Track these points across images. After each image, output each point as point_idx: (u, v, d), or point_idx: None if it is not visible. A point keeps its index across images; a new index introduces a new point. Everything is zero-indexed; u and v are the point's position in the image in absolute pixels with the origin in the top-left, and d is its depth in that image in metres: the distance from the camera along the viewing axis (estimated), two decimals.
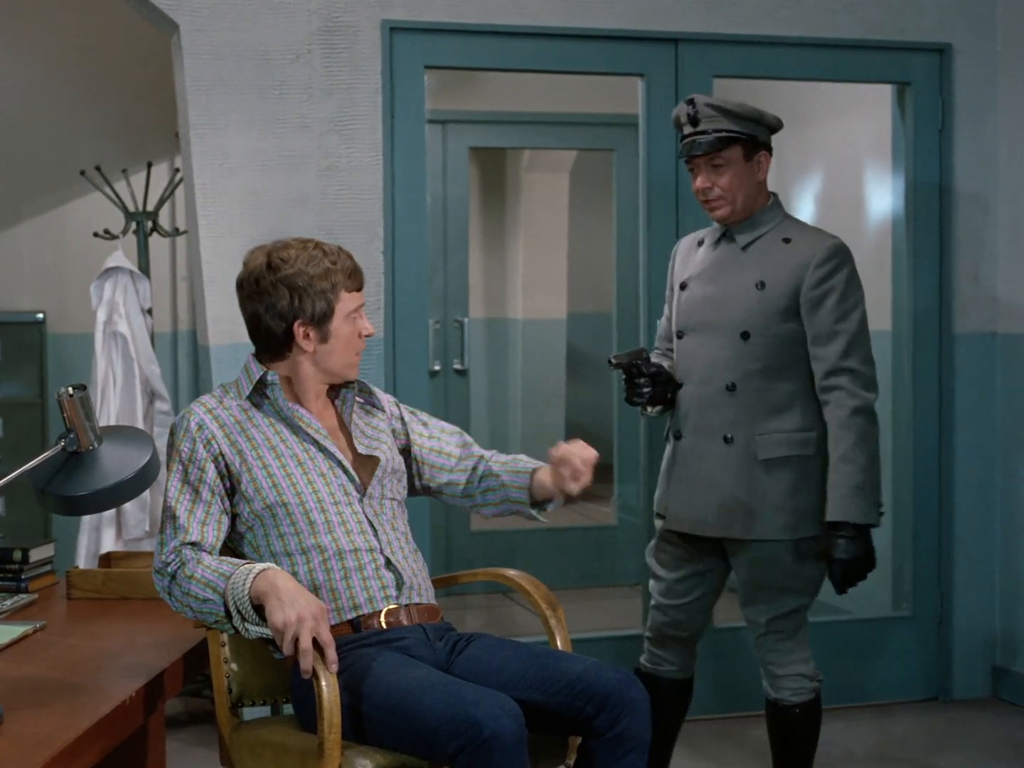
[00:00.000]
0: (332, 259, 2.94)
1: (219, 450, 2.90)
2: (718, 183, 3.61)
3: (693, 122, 3.62)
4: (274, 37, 4.48)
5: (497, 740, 2.49)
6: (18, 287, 6.19)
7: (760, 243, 3.65)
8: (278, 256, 2.94)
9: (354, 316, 2.97)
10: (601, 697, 2.69)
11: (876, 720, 4.91)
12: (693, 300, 3.73)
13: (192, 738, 4.62)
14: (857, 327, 3.57)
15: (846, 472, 3.52)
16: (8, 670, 2.69)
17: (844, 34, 4.94)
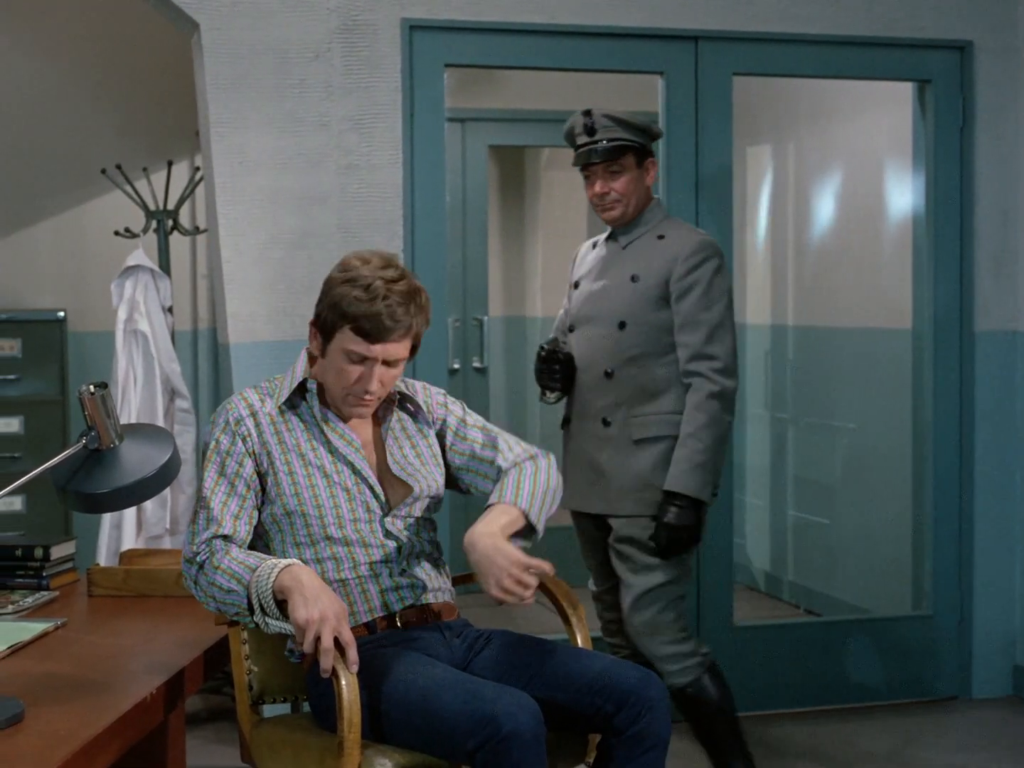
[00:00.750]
0: (378, 300, 2.80)
1: (252, 448, 2.90)
2: (614, 188, 3.91)
3: (589, 132, 3.90)
4: (294, 36, 4.48)
5: (516, 737, 2.49)
6: (39, 285, 6.21)
7: (638, 242, 3.96)
8: (351, 261, 2.90)
9: (353, 360, 2.86)
10: (620, 695, 2.68)
11: (896, 719, 4.90)
12: (581, 296, 4.04)
13: (212, 735, 4.63)
14: (719, 318, 3.84)
15: (692, 448, 3.79)
16: (29, 667, 2.70)
17: (864, 31, 4.93)
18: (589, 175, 3.94)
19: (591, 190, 3.95)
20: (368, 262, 2.87)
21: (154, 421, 4.90)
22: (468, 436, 3.06)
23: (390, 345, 2.83)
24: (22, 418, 5.90)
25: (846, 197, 6.26)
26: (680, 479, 3.80)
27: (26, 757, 2.17)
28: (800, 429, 6.50)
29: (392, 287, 2.82)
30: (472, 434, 3.07)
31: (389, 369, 2.87)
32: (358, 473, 2.91)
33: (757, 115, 6.53)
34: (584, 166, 3.94)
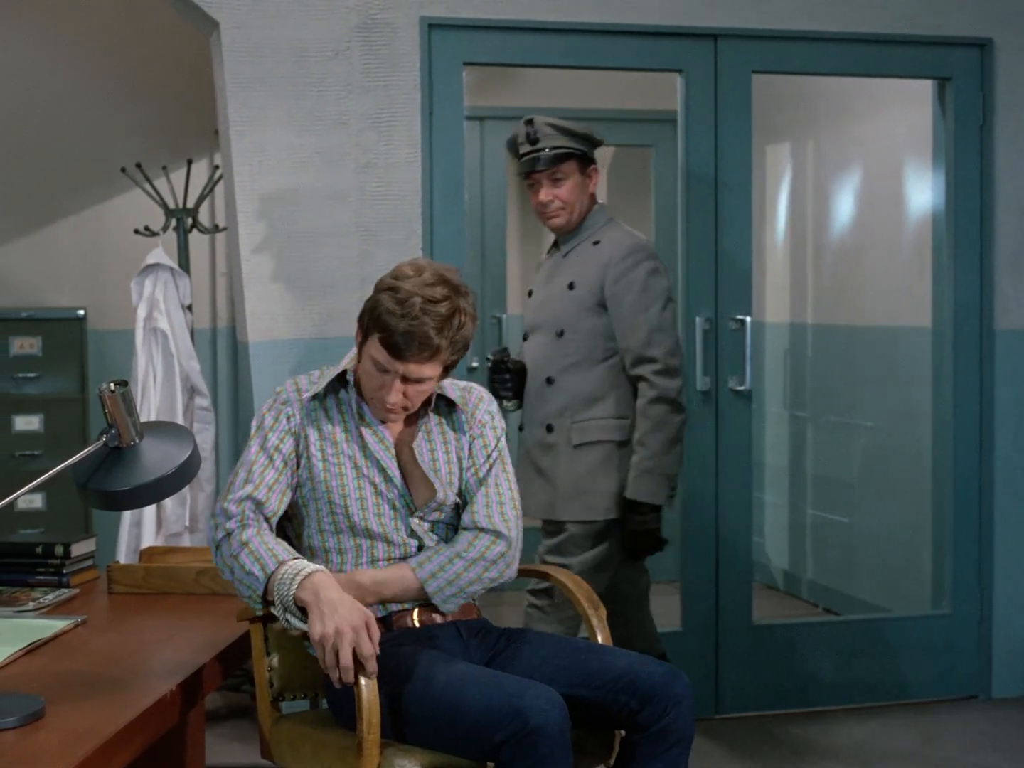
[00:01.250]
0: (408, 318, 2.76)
1: (294, 427, 2.92)
2: (558, 196, 3.97)
3: (532, 141, 3.96)
4: (313, 34, 4.49)
5: (542, 730, 2.49)
6: (59, 284, 6.23)
7: (577, 249, 4.01)
8: (404, 268, 2.85)
9: (380, 368, 2.84)
10: (645, 692, 2.68)
11: (915, 718, 4.89)
12: (532, 305, 4.12)
13: (231, 732, 4.64)
14: (657, 319, 3.89)
15: (640, 455, 3.90)
16: (50, 664, 2.71)
17: (883, 29, 4.91)
18: (533, 183, 4.00)
19: (535, 198, 4.01)
20: (420, 274, 2.82)
21: (173, 419, 4.91)
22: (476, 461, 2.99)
23: (412, 365, 2.80)
24: (42, 416, 5.93)
25: (865, 195, 6.24)
26: (632, 486, 3.92)
27: (46, 754, 2.18)
28: (819, 427, 6.49)
29: (429, 307, 2.77)
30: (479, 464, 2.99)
31: (415, 385, 2.85)
32: (385, 471, 2.91)
33: (776, 113, 6.52)
34: (528, 174, 3.99)
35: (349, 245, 4.51)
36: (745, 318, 4.82)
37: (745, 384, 4.83)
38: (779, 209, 6.84)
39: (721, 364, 4.82)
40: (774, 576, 6.73)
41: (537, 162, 3.96)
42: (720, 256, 4.83)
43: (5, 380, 5.91)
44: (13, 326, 5.91)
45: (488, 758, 2.57)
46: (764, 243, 6.71)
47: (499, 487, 2.98)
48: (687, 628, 4.87)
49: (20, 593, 3.25)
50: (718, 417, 4.83)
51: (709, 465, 4.83)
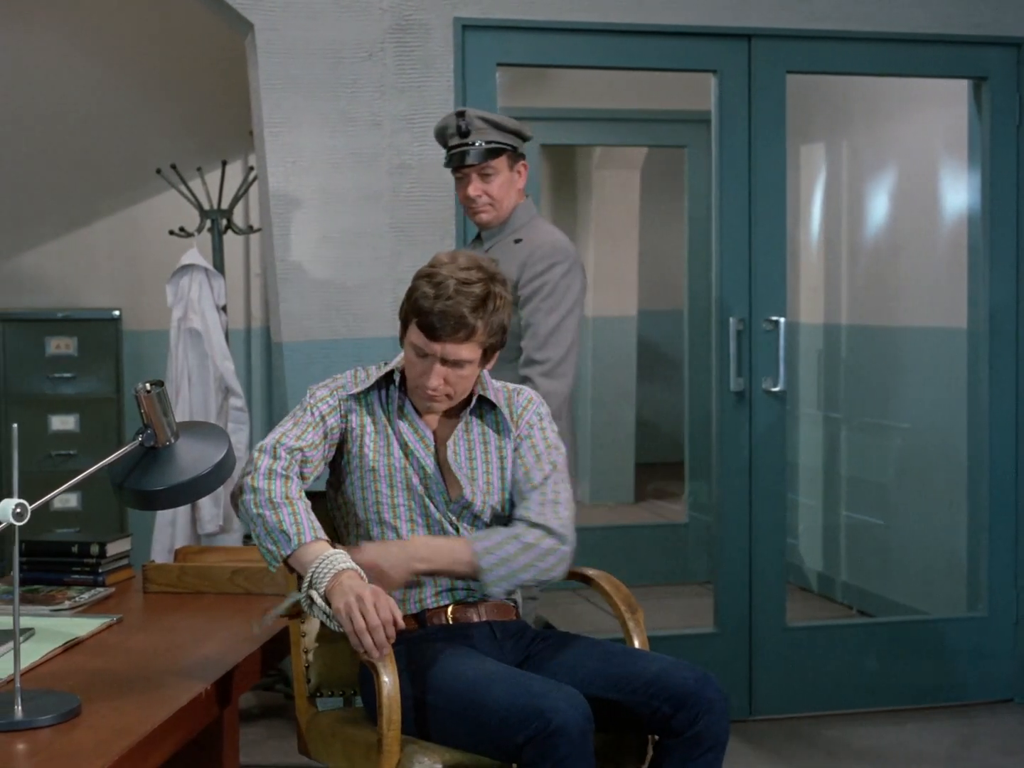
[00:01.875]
0: (442, 299, 2.79)
1: (344, 411, 2.93)
2: (487, 191, 3.87)
3: (463, 134, 3.85)
4: (347, 35, 4.50)
5: (564, 731, 2.49)
6: (94, 284, 6.27)
7: (498, 245, 3.90)
8: (440, 256, 2.89)
9: (418, 353, 2.85)
10: (679, 697, 2.67)
11: (951, 721, 4.86)
12: None
13: (265, 731, 4.65)
14: (558, 322, 3.78)
15: None
16: (85, 662, 2.73)
17: (918, 28, 4.89)
18: (461, 177, 3.90)
19: (463, 192, 3.90)
20: (454, 260, 2.86)
21: (208, 419, 4.93)
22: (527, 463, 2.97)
23: (450, 345, 2.81)
24: (78, 416, 5.96)
25: (900, 195, 6.21)
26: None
27: (83, 752, 2.19)
28: (853, 429, 6.46)
29: (464, 288, 2.80)
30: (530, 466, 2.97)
31: (454, 369, 2.84)
32: (423, 468, 2.91)
33: (811, 113, 6.50)
34: (457, 168, 3.89)
35: (383, 246, 4.52)
36: (779, 319, 4.81)
37: (779, 385, 4.81)
38: (813, 209, 6.82)
39: (755, 365, 4.81)
40: (808, 578, 6.70)
41: (468, 156, 3.85)
42: (754, 257, 4.81)
43: (41, 380, 5.94)
44: (49, 326, 5.95)
45: (511, 757, 2.57)
46: (798, 244, 6.69)
47: (556, 491, 2.95)
48: (721, 630, 4.85)
49: (56, 592, 3.27)
50: (752, 418, 4.82)
51: (743, 466, 4.81)
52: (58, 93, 6.18)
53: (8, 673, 2.53)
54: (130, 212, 6.27)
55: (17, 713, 2.30)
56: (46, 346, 5.94)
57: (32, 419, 5.84)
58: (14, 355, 5.92)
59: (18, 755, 2.20)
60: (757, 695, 4.86)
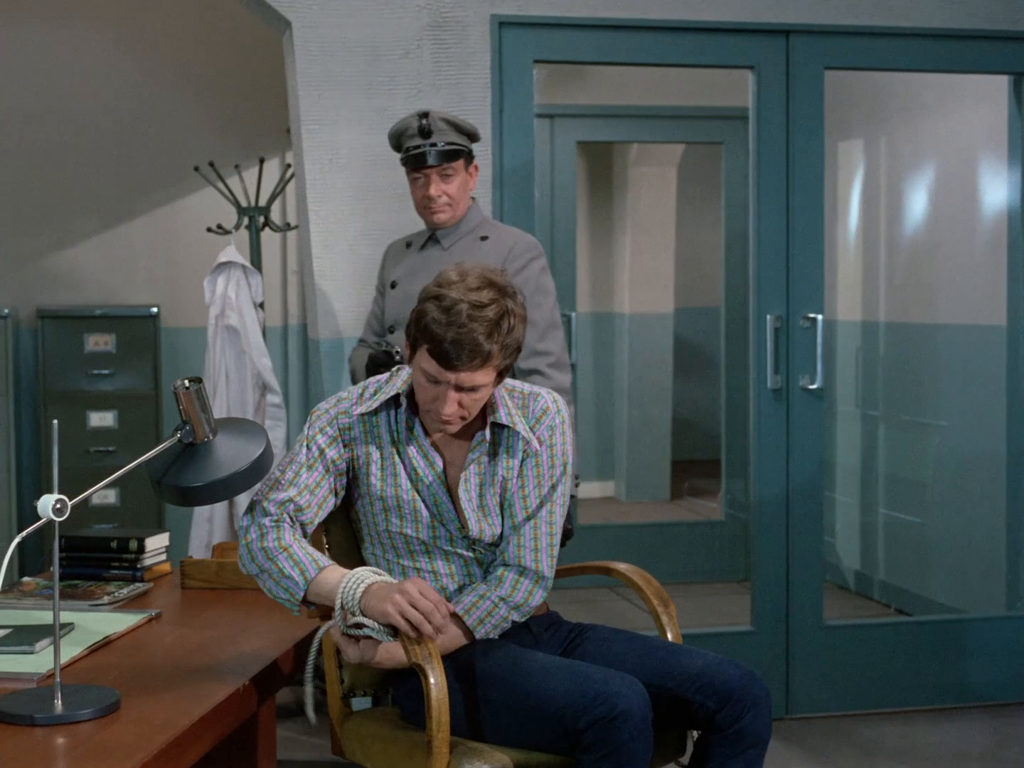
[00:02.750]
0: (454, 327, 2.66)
1: (347, 439, 2.86)
2: (447, 191, 3.94)
3: (424, 134, 3.90)
4: (384, 33, 4.51)
5: (628, 715, 2.50)
6: (133, 282, 6.30)
7: (461, 243, 3.97)
8: (448, 274, 2.74)
9: (432, 380, 2.73)
10: (723, 693, 2.67)
11: (989, 721, 4.83)
12: (404, 297, 3.97)
13: (301, 727, 4.66)
14: (550, 315, 3.90)
15: None
16: (124, 658, 2.74)
17: (958, 24, 4.86)
18: (419, 177, 3.93)
19: (421, 192, 3.94)
20: (464, 279, 2.71)
21: (245, 416, 4.94)
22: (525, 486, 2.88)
23: (464, 373, 2.69)
24: (116, 412, 5.99)
25: (939, 192, 6.18)
26: None
27: (122, 746, 2.20)
28: (891, 426, 6.43)
29: (476, 313, 2.66)
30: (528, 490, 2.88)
31: (469, 394, 2.73)
32: (434, 497, 2.85)
33: (849, 109, 6.46)
34: (417, 167, 3.93)
35: None
36: (817, 316, 4.79)
37: (816, 382, 4.80)
38: (851, 206, 6.79)
39: (792, 362, 4.79)
40: (845, 576, 6.68)
41: (430, 156, 3.90)
42: (791, 254, 4.80)
43: (80, 377, 5.98)
44: (88, 324, 5.99)
45: (571, 745, 2.57)
46: (836, 241, 6.66)
47: (551, 524, 2.89)
48: (758, 628, 4.84)
49: (95, 587, 3.29)
50: (789, 416, 4.80)
51: (780, 464, 4.80)
52: (97, 91, 6.21)
53: (48, 668, 2.55)
54: (168, 209, 6.30)
55: (57, 707, 2.32)
56: (85, 343, 5.98)
57: (71, 416, 5.88)
58: (53, 352, 5.96)
59: (58, 749, 2.21)
60: (794, 694, 4.85)
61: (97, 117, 6.22)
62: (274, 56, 5.19)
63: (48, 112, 6.18)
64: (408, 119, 3.96)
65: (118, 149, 6.24)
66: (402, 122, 3.97)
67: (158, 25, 6.23)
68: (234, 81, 6.24)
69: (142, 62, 6.22)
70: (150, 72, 6.23)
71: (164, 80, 6.24)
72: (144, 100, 6.23)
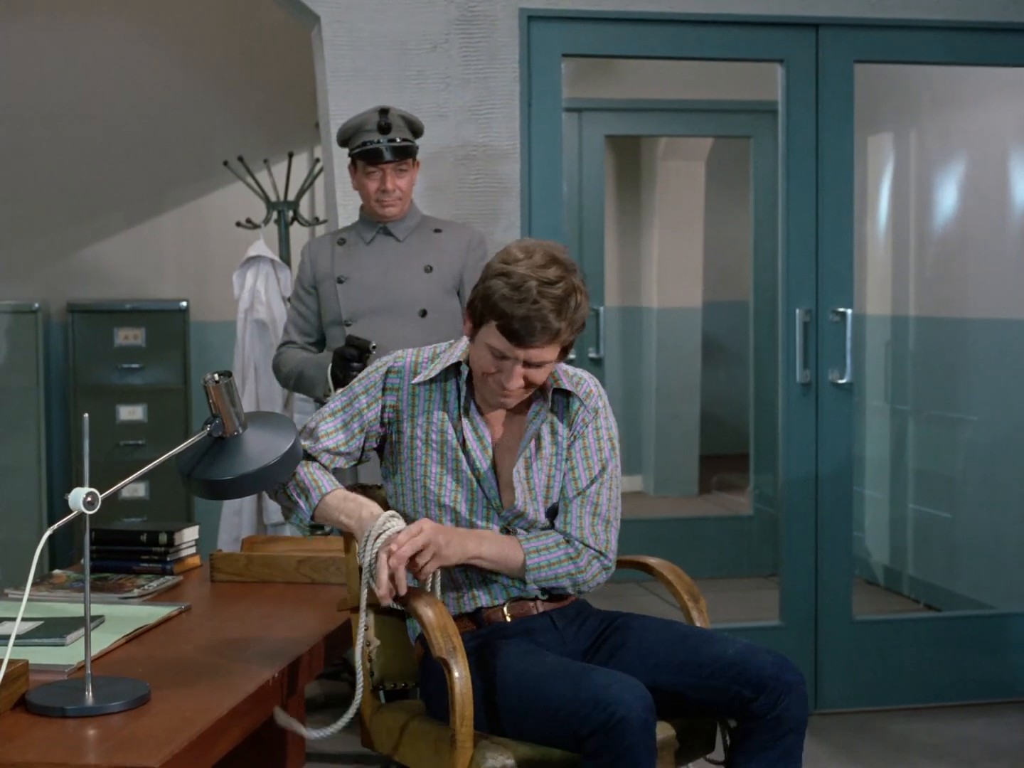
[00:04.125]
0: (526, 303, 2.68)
1: (391, 401, 2.89)
2: (400, 186, 4.04)
3: (383, 130, 4.00)
4: (412, 27, 4.51)
5: (627, 722, 2.48)
6: (162, 276, 6.33)
7: (416, 235, 4.11)
8: (513, 251, 2.75)
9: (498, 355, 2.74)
10: (758, 680, 2.66)
11: (1019, 716, 4.80)
12: (361, 290, 4.06)
13: (330, 720, 4.63)
14: None
15: None
16: (154, 650, 2.76)
17: (988, 16, 4.82)
18: (375, 171, 4.02)
19: (375, 184, 4.03)
20: (530, 256, 2.72)
21: (273, 410, 4.96)
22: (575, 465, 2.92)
23: (533, 350, 2.71)
24: (146, 406, 6.02)
25: (970, 186, 6.14)
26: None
27: (152, 738, 2.21)
28: (921, 421, 6.40)
29: (546, 290, 2.68)
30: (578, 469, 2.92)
31: (535, 369, 2.76)
32: (476, 467, 2.86)
33: (878, 103, 6.43)
34: (374, 162, 4.01)
35: None
36: (846, 310, 4.77)
37: (846, 377, 4.78)
38: (881, 200, 6.76)
39: (822, 356, 4.78)
40: (874, 571, 6.65)
41: (388, 152, 4.00)
42: (821, 248, 4.78)
43: (110, 371, 6.01)
44: (118, 318, 6.01)
45: (577, 749, 2.57)
46: (865, 235, 6.63)
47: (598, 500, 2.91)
48: (786, 622, 4.83)
49: (125, 580, 3.31)
50: (818, 410, 4.78)
51: (809, 458, 4.78)
52: (126, 87, 6.23)
53: (79, 660, 2.57)
54: (197, 204, 6.33)
55: (88, 699, 2.34)
56: (114, 337, 6.01)
57: (101, 409, 5.90)
58: (83, 346, 5.99)
59: (89, 740, 2.23)
60: (823, 689, 4.84)
61: (126, 113, 6.24)
62: (303, 51, 5.20)
63: (77, 108, 6.21)
64: (367, 114, 4.04)
65: (147, 144, 6.26)
66: (360, 117, 4.05)
67: (187, 20, 6.25)
68: (263, 76, 6.25)
69: (171, 57, 6.24)
70: (179, 67, 6.25)
71: (193, 75, 6.25)
72: (173, 95, 6.25)
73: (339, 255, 4.13)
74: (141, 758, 2.13)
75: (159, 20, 6.24)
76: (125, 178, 6.26)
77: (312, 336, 4.16)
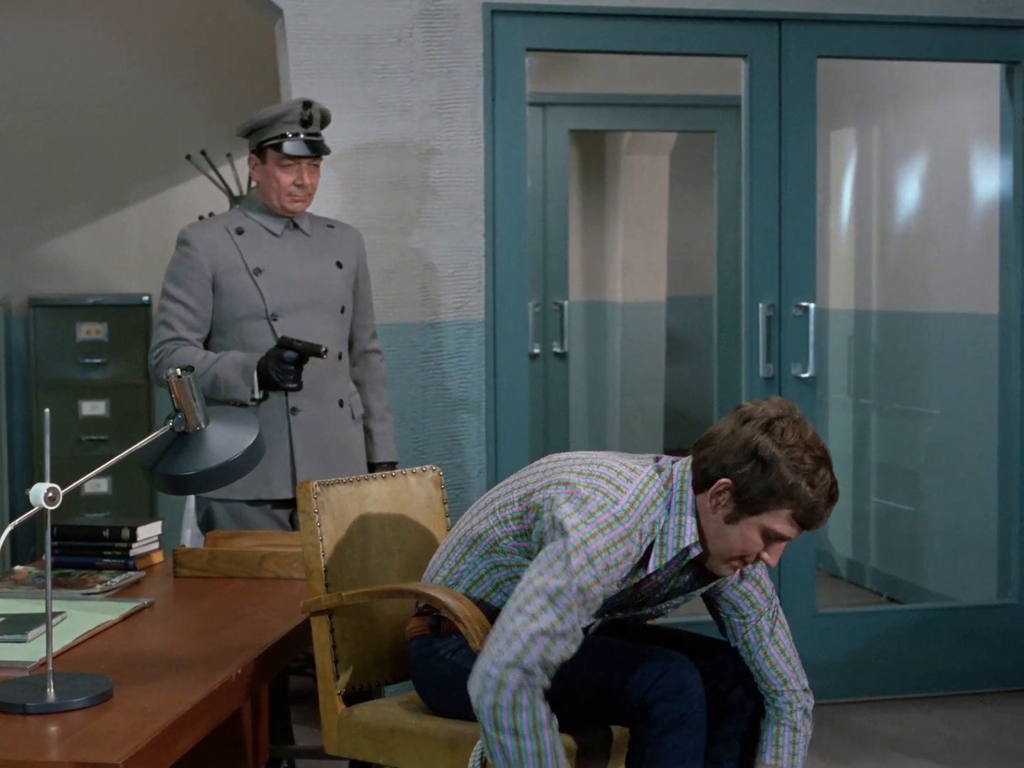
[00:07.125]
0: (834, 498, 2.70)
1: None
2: (312, 182, 3.93)
3: (305, 124, 3.89)
4: (376, 21, 4.50)
5: (693, 688, 2.63)
6: (125, 270, 6.29)
7: (316, 230, 4.01)
8: (787, 436, 2.71)
9: (776, 537, 2.68)
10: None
11: (983, 709, 4.84)
12: (285, 283, 3.92)
13: (294, 715, 4.66)
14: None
15: (391, 421, 4.15)
16: (117, 645, 2.75)
17: (950, 12, 4.85)
18: (291, 164, 3.86)
19: (290, 178, 3.86)
20: (801, 437, 2.72)
21: None
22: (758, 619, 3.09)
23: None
24: (108, 401, 5.99)
25: (931, 181, 6.18)
26: (392, 450, 4.13)
27: (115, 734, 2.20)
28: (883, 415, 6.44)
29: (834, 490, 2.70)
30: (762, 621, 3.10)
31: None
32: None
33: (841, 98, 6.47)
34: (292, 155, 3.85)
35: (411, 232, 4.52)
36: (809, 304, 4.79)
37: (808, 371, 4.80)
38: (844, 195, 6.79)
39: (784, 351, 4.80)
40: (837, 564, 6.69)
41: (313, 146, 3.88)
42: (784, 242, 4.80)
43: (72, 366, 5.98)
44: (80, 312, 5.98)
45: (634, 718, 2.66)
46: (828, 229, 6.67)
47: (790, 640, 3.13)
48: None
49: (87, 576, 3.29)
50: None
51: None
52: (88, 80, 6.20)
53: (41, 656, 2.55)
54: (160, 198, 6.30)
55: (50, 696, 2.32)
56: (77, 332, 5.98)
57: (63, 404, 5.87)
58: (45, 341, 5.96)
59: (51, 737, 2.22)
60: None
61: (89, 105, 6.21)
62: (266, 44, 5.19)
63: (39, 101, 6.17)
64: (291, 104, 3.90)
65: (110, 137, 6.23)
66: (283, 106, 3.91)
67: (150, 14, 6.22)
68: (226, 69, 6.23)
69: (134, 50, 6.21)
70: (142, 60, 6.22)
71: (156, 68, 6.22)
72: (136, 88, 6.22)
73: (244, 245, 3.90)
74: (104, 754, 2.12)
75: (122, 14, 6.21)
76: (87, 172, 6.23)
77: (202, 332, 3.89)
